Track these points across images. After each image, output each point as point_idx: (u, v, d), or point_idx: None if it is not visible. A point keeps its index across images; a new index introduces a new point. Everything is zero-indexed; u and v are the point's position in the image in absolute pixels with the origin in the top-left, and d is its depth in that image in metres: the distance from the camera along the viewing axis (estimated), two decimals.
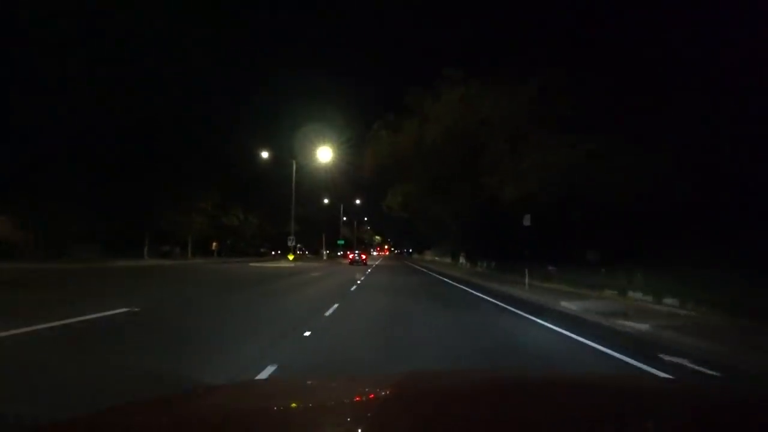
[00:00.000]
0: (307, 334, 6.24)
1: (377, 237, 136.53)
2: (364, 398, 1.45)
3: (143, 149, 33.14)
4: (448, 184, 26.44)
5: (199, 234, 45.89)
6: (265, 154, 33.11)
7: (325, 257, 53.88)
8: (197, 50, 36.13)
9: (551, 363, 5.30)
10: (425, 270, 32.72)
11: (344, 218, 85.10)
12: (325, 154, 31.36)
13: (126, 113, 31.73)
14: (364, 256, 42.53)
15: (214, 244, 61.94)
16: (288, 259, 31.35)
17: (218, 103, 36.61)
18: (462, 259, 37.61)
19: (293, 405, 1.34)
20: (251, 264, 30.30)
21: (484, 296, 13.58)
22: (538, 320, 8.70)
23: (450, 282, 20.12)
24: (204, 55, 36.82)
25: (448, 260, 46.76)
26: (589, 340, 6.71)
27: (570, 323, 8.43)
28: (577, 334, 7.17)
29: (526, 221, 15.95)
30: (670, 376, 4.38)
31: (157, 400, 1.41)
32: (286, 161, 35.00)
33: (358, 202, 68.71)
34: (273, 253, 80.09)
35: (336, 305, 9.24)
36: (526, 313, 9.92)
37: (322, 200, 60.41)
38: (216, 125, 36.22)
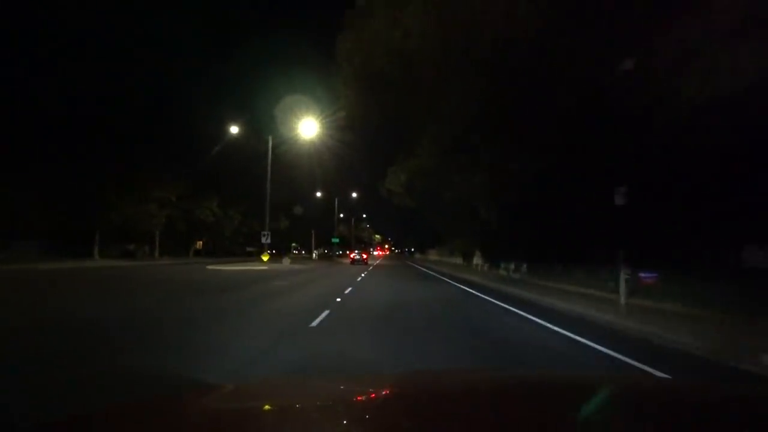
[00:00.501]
0: None
1: (377, 236, 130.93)
2: (364, 398, 1.44)
3: (88, 124, 26.71)
4: (524, 92, 13.51)
5: (170, 230, 39.47)
6: (234, 129, 26.57)
7: (315, 257, 47.13)
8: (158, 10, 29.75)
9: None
10: (435, 274, 26.21)
11: (341, 215, 79.03)
12: (308, 128, 24.93)
13: (66, 82, 25.38)
14: (365, 256, 42.47)
15: (198, 243, 55.67)
16: (262, 260, 24.91)
17: (184, 72, 30.09)
18: (477, 260, 31.14)
19: (293, 405, 1.31)
20: (210, 267, 23.72)
21: (570, 334, 7.06)
22: None
23: (483, 296, 13.52)
24: (166, 16, 30.38)
25: (456, 261, 40.22)
26: None
27: None
28: None
29: (620, 198, 9.51)
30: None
31: (156, 400, 1.42)
32: (273, 147, 28.49)
33: (354, 195, 62.22)
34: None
35: None
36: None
37: (315, 195, 53.97)
38: (181, 99, 29.72)
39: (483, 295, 13.36)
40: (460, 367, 4.27)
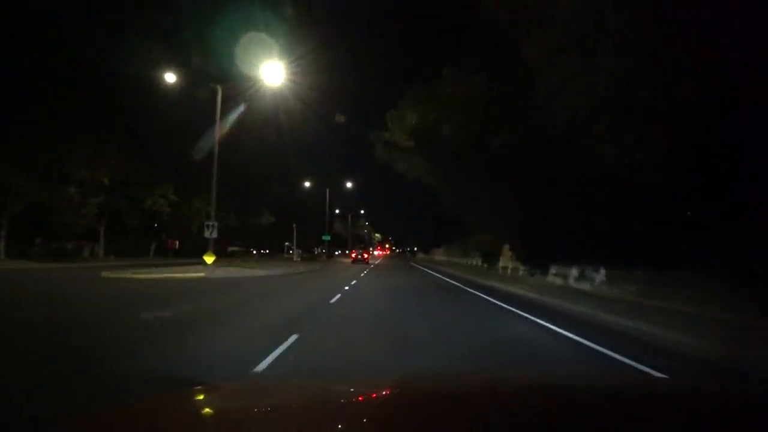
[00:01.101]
0: None
1: (377, 234, 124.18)
2: (364, 399, 1.44)
3: None
4: None
5: (119, 225, 31.75)
6: (170, 77, 18.70)
7: (297, 258, 39.06)
8: None
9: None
10: (455, 282, 18.30)
11: (336, 211, 71.65)
12: (272, 74, 17.20)
13: None
14: (365, 255, 41.37)
15: (174, 241, 47.82)
16: (206, 263, 17.12)
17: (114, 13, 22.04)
18: (506, 262, 23.33)
19: (293, 405, 1.31)
20: (107, 275, 15.30)
21: None
22: None
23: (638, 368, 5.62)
24: None
25: (472, 262, 32.51)
26: None
27: None
28: None
29: None
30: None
31: (156, 400, 1.42)
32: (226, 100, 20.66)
33: (349, 185, 54.47)
34: (255, 252, 65.68)
35: None
36: None
37: (302, 184, 46.27)
38: (108, 46, 21.74)
39: (627, 360, 5.47)
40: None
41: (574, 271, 15.53)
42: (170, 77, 18.91)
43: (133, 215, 31.40)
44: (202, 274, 15.53)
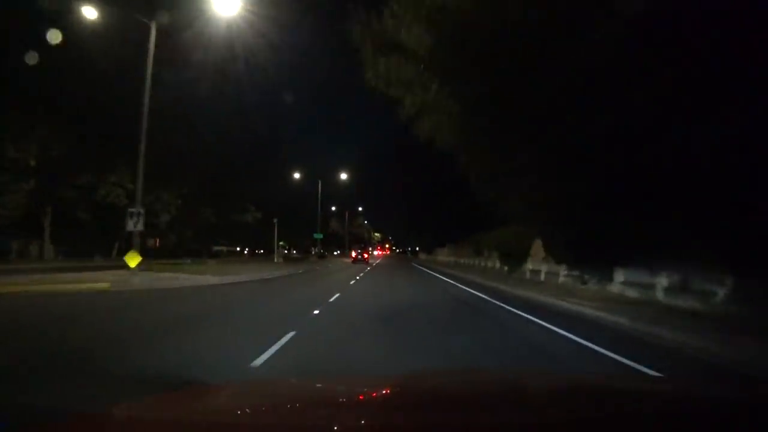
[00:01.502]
0: None
1: (376, 234, 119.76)
2: (364, 398, 1.44)
3: None
4: None
5: (70, 220, 26.75)
6: (89, 12, 13.62)
7: (279, 259, 33.80)
8: None
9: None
10: (482, 294, 13.07)
11: (333, 208, 66.67)
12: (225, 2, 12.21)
13: None
14: (365, 255, 40.69)
15: (155, 240, 42.74)
16: (128, 265, 12.04)
17: None
18: (535, 264, 18.25)
19: (292, 405, 1.30)
20: None
21: None
22: None
23: None
24: None
25: (484, 263, 27.43)
26: None
27: None
28: None
29: None
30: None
31: (157, 400, 1.40)
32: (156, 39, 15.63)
33: (344, 177, 49.38)
34: (248, 252, 60.70)
35: None
36: None
37: (291, 174, 41.26)
38: None
39: None
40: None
41: (662, 280, 10.43)
42: (90, 12, 13.87)
43: (84, 208, 26.35)
44: (105, 285, 10.42)
